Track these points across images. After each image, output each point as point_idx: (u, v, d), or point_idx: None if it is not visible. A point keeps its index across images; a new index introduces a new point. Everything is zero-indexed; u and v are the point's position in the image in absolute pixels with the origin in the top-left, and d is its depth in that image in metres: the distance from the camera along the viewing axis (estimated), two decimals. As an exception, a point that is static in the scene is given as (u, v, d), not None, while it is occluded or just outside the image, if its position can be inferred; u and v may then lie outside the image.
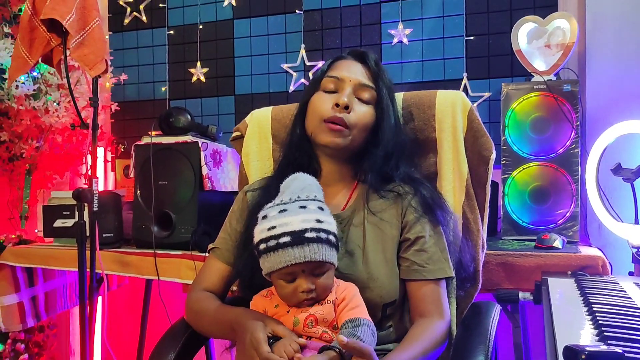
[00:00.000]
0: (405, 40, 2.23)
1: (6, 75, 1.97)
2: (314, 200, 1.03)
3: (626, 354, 0.68)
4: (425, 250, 1.13)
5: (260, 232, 1.01)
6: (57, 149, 2.32)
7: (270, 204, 1.04)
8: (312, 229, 0.97)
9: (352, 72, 1.17)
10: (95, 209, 1.65)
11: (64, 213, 1.95)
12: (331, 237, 1.00)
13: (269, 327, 0.96)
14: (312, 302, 0.99)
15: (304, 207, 1.00)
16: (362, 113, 1.15)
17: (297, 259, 0.96)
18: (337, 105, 1.12)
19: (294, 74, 2.39)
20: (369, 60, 1.19)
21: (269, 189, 1.17)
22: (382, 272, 1.11)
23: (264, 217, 1.02)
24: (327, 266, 0.99)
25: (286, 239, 0.96)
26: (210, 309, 1.13)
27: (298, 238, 0.96)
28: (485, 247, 1.34)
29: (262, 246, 0.99)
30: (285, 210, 1.00)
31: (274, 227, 0.98)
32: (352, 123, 1.13)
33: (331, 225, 1.02)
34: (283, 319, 1.00)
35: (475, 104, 2.08)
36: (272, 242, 0.97)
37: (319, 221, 0.99)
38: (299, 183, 1.06)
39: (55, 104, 2.21)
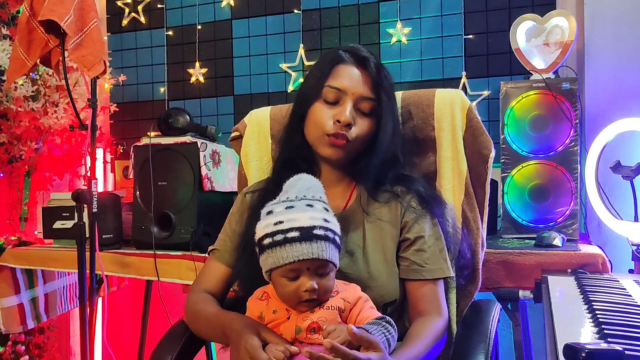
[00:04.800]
0: (403, 39, 2.23)
1: (4, 77, 1.97)
2: (319, 200, 1.02)
3: (626, 352, 0.68)
4: (425, 250, 1.13)
5: (265, 227, 0.99)
6: (56, 150, 2.32)
7: (275, 200, 1.03)
8: (321, 227, 0.96)
9: (354, 81, 1.14)
10: (95, 210, 1.64)
11: (64, 214, 1.95)
12: (337, 238, 1.00)
13: (262, 335, 0.95)
14: (313, 304, 0.97)
15: (311, 205, 1.00)
16: (362, 127, 1.14)
17: (305, 255, 0.94)
18: (338, 121, 1.11)
19: (293, 73, 2.39)
20: (370, 67, 1.15)
21: (268, 191, 1.17)
22: (382, 271, 1.12)
23: (269, 212, 1.01)
24: (330, 267, 0.98)
25: (295, 233, 0.95)
26: (207, 312, 1.12)
27: (307, 234, 0.95)
28: (485, 245, 1.34)
29: (267, 240, 0.97)
30: (292, 207, 0.99)
31: (281, 222, 0.97)
32: (353, 137, 1.13)
33: (336, 226, 1.01)
34: (283, 326, 0.97)
35: (474, 103, 2.08)
36: (279, 237, 0.96)
37: (326, 220, 0.99)
38: (305, 183, 1.05)
39: (54, 105, 2.21)
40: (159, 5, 2.61)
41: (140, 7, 2.64)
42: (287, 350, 0.91)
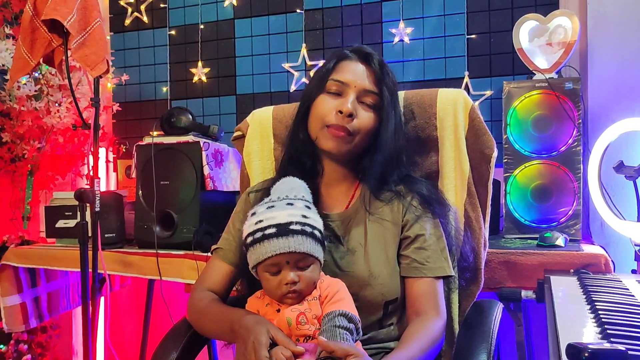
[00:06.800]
0: (406, 39, 2.23)
1: (7, 76, 1.97)
2: (301, 199, 1.06)
3: (629, 352, 0.68)
4: (425, 248, 1.13)
5: (248, 227, 1.04)
6: (59, 149, 2.33)
7: (260, 203, 1.08)
8: (298, 222, 1.01)
9: (357, 75, 1.16)
10: (97, 209, 1.65)
11: (66, 214, 1.96)
12: (316, 232, 1.02)
13: (271, 332, 0.96)
14: (297, 297, 1.00)
15: (291, 204, 1.04)
16: (365, 119, 1.15)
17: (282, 249, 0.98)
18: (340, 112, 1.12)
19: (295, 73, 2.39)
20: (374, 63, 1.17)
21: (271, 190, 1.18)
22: (383, 269, 1.12)
23: (253, 214, 1.06)
24: (311, 259, 1.01)
25: (272, 230, 0.99)
26: (213, 309, 1.13)
27: (283, 229, 0.99)
28: (487, 245, 1.34)
29: (250, 239, 1.02)
30: (272, 206, 1.04)
31: (261, 221, 1.02)
32: (355, 130, 1.14)
33: (317, 222, 1.04)
34: (275, 318, 1.01)
35: (476, 103, 2.08)
36: (258, 234, 1.01)
37: (304, 216, 1.02)
38: (287, 185, 1.10)
39: (57, 104, 2.22)
40: (161, 5, 2.61)
41: (142, 7, 2.64)
42: (292, 357, 0.92)
